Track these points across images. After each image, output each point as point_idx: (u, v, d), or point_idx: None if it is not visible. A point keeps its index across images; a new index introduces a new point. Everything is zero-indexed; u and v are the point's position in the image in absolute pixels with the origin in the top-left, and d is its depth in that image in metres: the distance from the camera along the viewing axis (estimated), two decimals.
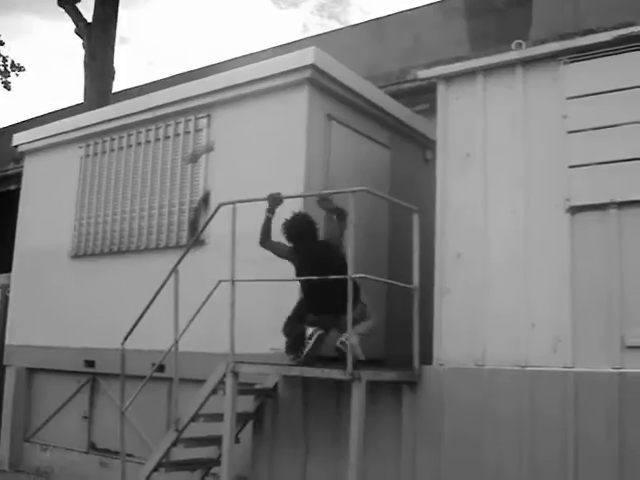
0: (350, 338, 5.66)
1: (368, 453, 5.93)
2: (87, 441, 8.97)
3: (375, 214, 7.74)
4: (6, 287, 10.86)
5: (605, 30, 6.17)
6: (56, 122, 10.31)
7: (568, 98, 5.98)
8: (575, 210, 5.83)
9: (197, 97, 8.13)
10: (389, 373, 6.22)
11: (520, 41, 6.28)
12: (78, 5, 15.87)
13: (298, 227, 6.32)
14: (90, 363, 8.76)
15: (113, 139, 9.12)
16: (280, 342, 6.47)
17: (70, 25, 15.69)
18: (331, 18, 54.33)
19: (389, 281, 6.83)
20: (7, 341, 10.12)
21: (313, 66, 7.11)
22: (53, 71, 61.56)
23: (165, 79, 15.02)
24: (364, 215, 6.97)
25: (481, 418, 5.87)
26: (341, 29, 14.30)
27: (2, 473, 9.52)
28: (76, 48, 22.61)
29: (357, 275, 5.67)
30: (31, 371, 9.80)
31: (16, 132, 10.95)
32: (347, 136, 7.65)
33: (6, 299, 10.64)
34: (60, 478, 9.04)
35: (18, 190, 10.78)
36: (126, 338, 6.77)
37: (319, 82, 7.27)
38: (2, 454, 9.77)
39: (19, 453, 9.74)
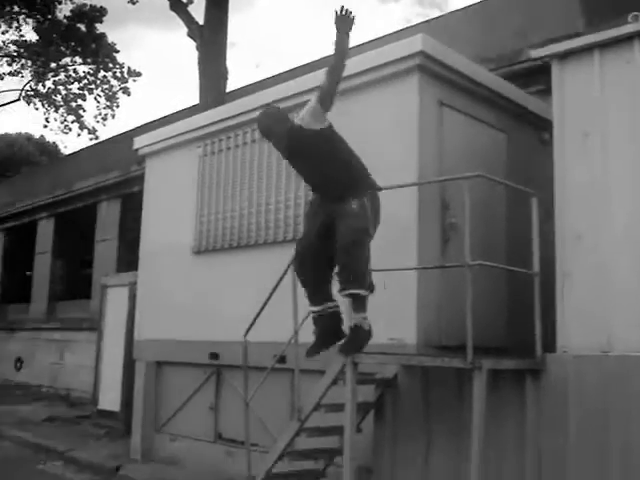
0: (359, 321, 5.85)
1: (491, 443, 5.84)
2: (214, 431, 9.25)
3: (492, 199, 7.59)
4: (133, 284, 11.31)
5: None
6: (174, 124, 10.64)
7: None
8: None
9: (307, 92, 8.14)
10: (510, 361, 6.09)
11: (636, 13, 5.99)
12: (189, 8, 16.37)
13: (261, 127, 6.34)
14: (215, 355, 8.99)
15: (229, 137, 9.33)
16: (399, 331, 6.47)
17: (178, 33, 16.15)
18: (433, 7, 53.60)
19: (507, 267, 6.70)
20: (136, 336, 10.56)
21: (422, 53, 7.03)
22: (167, 76, 63.55)
23: (275, 75, 15.17)
24: (480, 201, 6.85)
25: (607, 407, 5.65)
26: (447, 14, 14.05)
27: (135, 462, 9.94)
28: (187, 54, 23.27)
29: (474, 262, 5.61)
30: (159, 364, 10.20)
31: (137, 136, 11.38)
32: (460, 122, 7.52)
33: (134, 296, 11.09)
34: (189, 467, 9.35)
35: (141, 191, 11.20)
36: (248, 331, 6.90)
37: (429, 68, 7.18)
38: (135, 444, 10.20)
39: (150, 443, 10.15)
